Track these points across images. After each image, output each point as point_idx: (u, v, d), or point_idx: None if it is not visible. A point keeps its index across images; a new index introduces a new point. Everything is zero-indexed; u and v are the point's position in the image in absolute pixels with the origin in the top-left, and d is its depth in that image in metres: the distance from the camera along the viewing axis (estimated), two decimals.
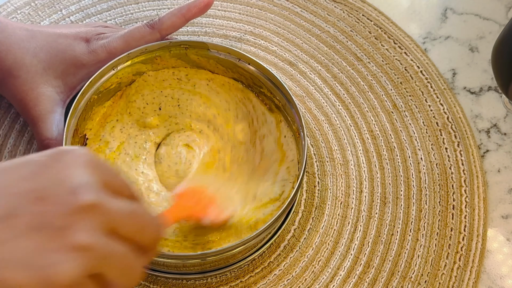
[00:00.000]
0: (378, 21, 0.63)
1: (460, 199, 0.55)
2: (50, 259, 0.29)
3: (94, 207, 0.30)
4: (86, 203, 0.30)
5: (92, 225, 0.30)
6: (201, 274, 0.49)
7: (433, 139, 0.57)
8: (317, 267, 0.52)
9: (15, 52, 0.51)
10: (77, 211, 0.30)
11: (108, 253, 0.31)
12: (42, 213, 0.30)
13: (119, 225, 0.32)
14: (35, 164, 0.31)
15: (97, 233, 0.30)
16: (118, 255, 0.31)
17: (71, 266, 0.29)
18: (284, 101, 0.52)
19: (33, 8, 0.63)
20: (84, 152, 0.32)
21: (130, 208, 0.32)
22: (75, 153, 0.32)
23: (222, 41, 0.62)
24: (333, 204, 0.54)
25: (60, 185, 0.30)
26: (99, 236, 0.30)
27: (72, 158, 0.32)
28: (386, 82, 0.60)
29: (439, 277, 0.51)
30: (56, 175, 0.31)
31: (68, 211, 0.30)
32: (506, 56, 0.50)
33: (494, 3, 0.65)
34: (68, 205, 0.30)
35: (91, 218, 0.30)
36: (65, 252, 0.29)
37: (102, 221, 0.31)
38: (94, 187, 0.31)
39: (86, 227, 0.30)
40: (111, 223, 0.31)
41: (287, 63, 0.61)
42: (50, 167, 0.31)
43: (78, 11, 0.63)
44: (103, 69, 0.51)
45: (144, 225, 0.33)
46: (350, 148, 0.57)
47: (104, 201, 0.31)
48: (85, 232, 0.30)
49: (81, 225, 0.30)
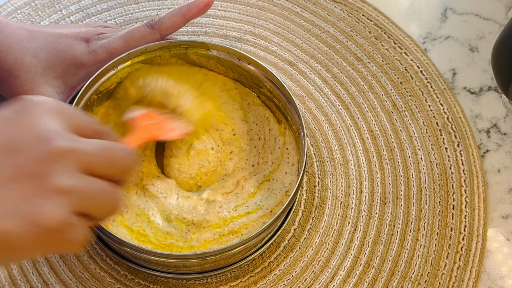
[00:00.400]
0: (378, 21, 0.63)
1: (460, 199, 0.55)
2: (36, 205, 0.31)
3: (66, 151, 0.32)
4: (58, 148, 0.32)
5: (69, 168, 0.32)
6: (201, 274, 0.50)
7: (433, 139, 0.57)
8: (317, 267, 0.52)
9: (15, 52, 0.51)
10: (51, 157, 0.32)
11: (88, 191, 0.33)
12: (18, 164, 0.31)
13: (92, 163, 0.34)
14: (2, 120, 0.33)
15: (74, 175, 0.32)
16: (97, 191, 0.34)
17: (57, 208, 0.31)
18: (284, 101, 0.52)
19: (33, 8, 0.63)
20: (47, 100, 0.34)
21: (99, 146, 0.35)
22: (39, 102, 0.34)
23: (222, 41, 0.62)
24: (333, 204, 0.54)
25: (30, 135, 0.32)
26: (77, 177, 0.33)
27: (37, 107, 0.33)
28: (386, 82, 0.60)
29: (439, 277, 0.51)
30: (24, 126, 0.32)
31: (42, 158, 0.32)
32: (506, 56, 0.50)
33: (494, 3, 0.65)
34: (42, 152, 0.32)
35: (65, 161, 0.32)
36: (49, 196, 0.31)
37: (76, 163, 0.33)
38: (63, 132, 0.33)
39: (63, 170, 0.32)
40: (85, 163, 0.33)
41: (287, 63, 0.61)
42: (17, 120, 0.33)
43: (78, 11, 0.63)
44: (103, 69, 0.51)
45: (115, 159, 0.35)
46: (350, 148, 0.57)
47: (74, 143, 0.33)
48: (63, 176, 0.32)
49: (58, 169, 0.32)
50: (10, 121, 0.33)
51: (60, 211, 0.31)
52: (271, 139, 0.53)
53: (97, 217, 0.35)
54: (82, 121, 0.35)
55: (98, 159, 0.34)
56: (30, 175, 0.31)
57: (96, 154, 0.34)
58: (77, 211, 0.33)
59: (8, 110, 0.34)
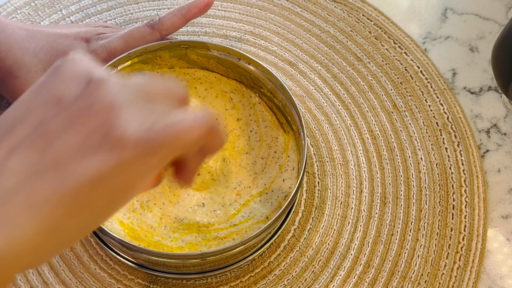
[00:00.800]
0: (378, 21, 0.63)
1: (460, 199, 0.55)
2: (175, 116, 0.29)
3: (122, 85, 0.29)
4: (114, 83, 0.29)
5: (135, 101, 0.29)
6: (201, 274, 0.50)
7: (433, 139, 0.57)
8: (317, 267, 0.52)
9: (15, 52, 0.51)
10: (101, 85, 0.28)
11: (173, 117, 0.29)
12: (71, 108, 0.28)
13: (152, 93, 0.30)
14: (39, 84, 0.29)
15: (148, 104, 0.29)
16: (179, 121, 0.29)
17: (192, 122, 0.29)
18: (284, 102, 0.52)
19: (33, 8, 0.63)
20: (79, 53, 0.30)
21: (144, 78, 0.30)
22: (71, 58, 0.30)
23: (222, 41, 0.62)
24: (333, 204, 0.54)
25: (71, 79, 0.28)
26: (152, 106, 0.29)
27: (69, 63, 0.29)
28: (386, 82, 0.60)
29: (439, 277, 0.51)
30: (59, 79, 0.29)
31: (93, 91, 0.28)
32: (506, 56, 0.50)
33: (494, 3, 0.65)
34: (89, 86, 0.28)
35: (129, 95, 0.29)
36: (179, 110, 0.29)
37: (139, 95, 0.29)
38: (107, 72, 0.29)
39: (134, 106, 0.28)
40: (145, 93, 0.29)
41: (287, 63, 0.61)
42: (51, 76, 0.29)
43: (78, 11, 0.63)
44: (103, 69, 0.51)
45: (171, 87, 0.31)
46: (350, 148, 0.57)
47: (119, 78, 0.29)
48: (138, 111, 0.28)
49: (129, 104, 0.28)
50: (44, 82, 0.29)
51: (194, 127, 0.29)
52: (274, 146, 0.53)
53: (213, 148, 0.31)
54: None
55: (155, 88, 0.30)
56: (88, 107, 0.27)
57: (149, 84, 0.30)
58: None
59: (43, 75, 0.30)
